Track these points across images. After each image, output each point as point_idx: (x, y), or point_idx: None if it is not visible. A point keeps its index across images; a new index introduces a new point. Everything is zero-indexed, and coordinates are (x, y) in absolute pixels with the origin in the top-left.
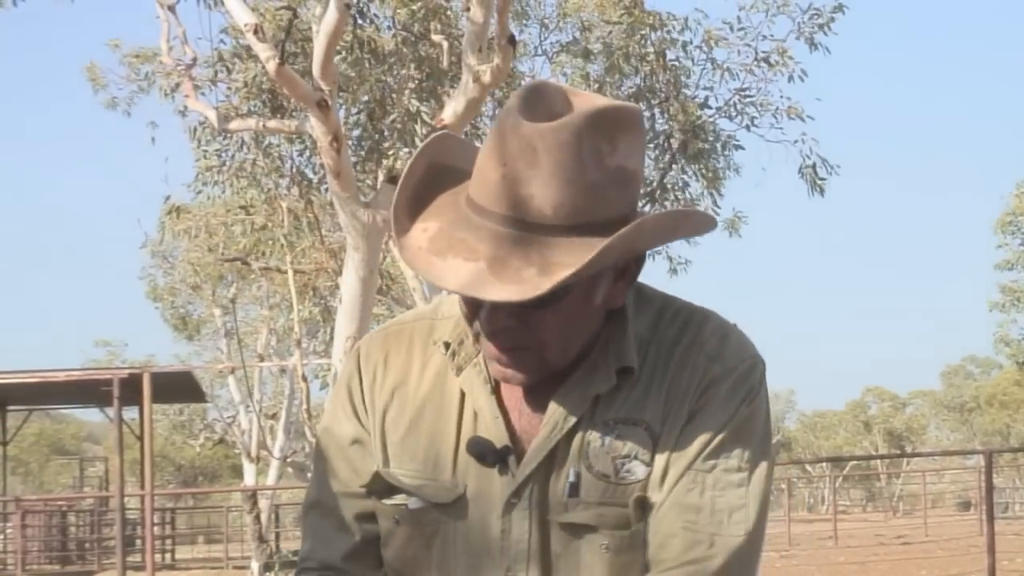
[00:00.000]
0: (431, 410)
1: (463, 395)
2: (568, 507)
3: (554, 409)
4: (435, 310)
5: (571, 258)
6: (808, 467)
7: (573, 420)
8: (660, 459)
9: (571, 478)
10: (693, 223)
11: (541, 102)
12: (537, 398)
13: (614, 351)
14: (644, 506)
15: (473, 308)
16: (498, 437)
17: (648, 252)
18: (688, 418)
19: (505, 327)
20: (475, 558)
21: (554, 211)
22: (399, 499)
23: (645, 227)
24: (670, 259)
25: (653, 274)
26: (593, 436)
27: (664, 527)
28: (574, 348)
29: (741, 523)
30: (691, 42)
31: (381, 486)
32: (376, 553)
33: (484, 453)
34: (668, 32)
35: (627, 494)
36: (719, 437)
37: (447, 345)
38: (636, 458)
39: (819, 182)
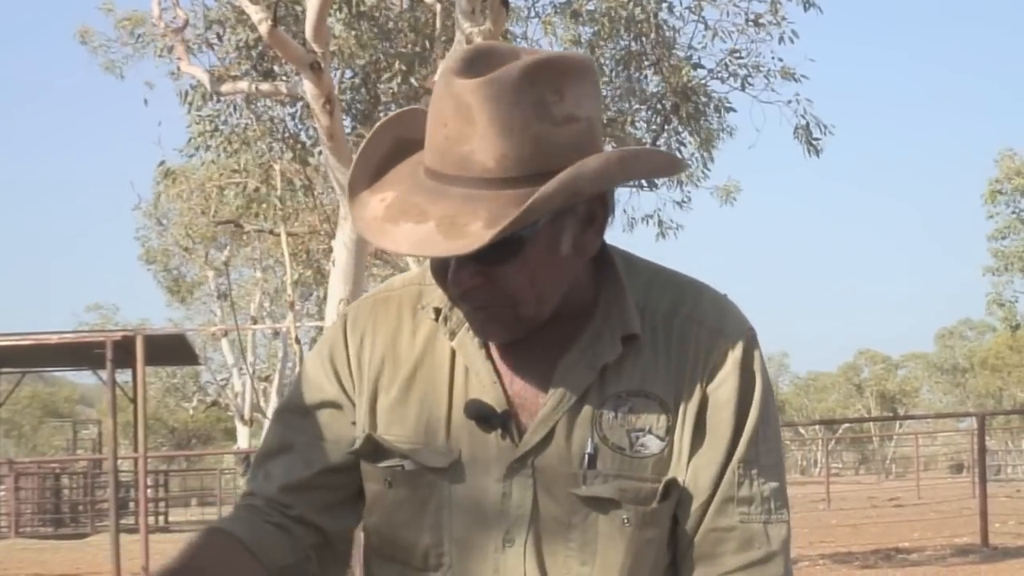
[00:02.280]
0: (422, 375)
1: (453, 359)
2: (586, 479)
3: (561, 378)
4: (423, 276)
5: (518, 209)
6: (801, 430)
7: (582, 390)
8: (683, 438)
9: (589, 449)
10: (648, 164)
11: (481, 61)
12: (533, 363)
13: (616, 318)
14: (672, 487)
15: (441, 275)
16: (497, 401)
17: (617, 200)
18: (705, 398)
19: (472, 287)
20: (471, 522)
21: (497, 164)
22: (391, 462)
23: (586, 169)
24: (660, 223)
25: (642, 237)
26: (606, 408)
27: (720, 522)
28: (550, 302)
29: (779, 497)
30: (679, 3)
31: (371, 449)
32: (323, 501)
33: (485, 416)
34: None
35: (643, 468)
36: (751, 424)
37: (438, 311)
38: (650, 432)
39: (814, 142)
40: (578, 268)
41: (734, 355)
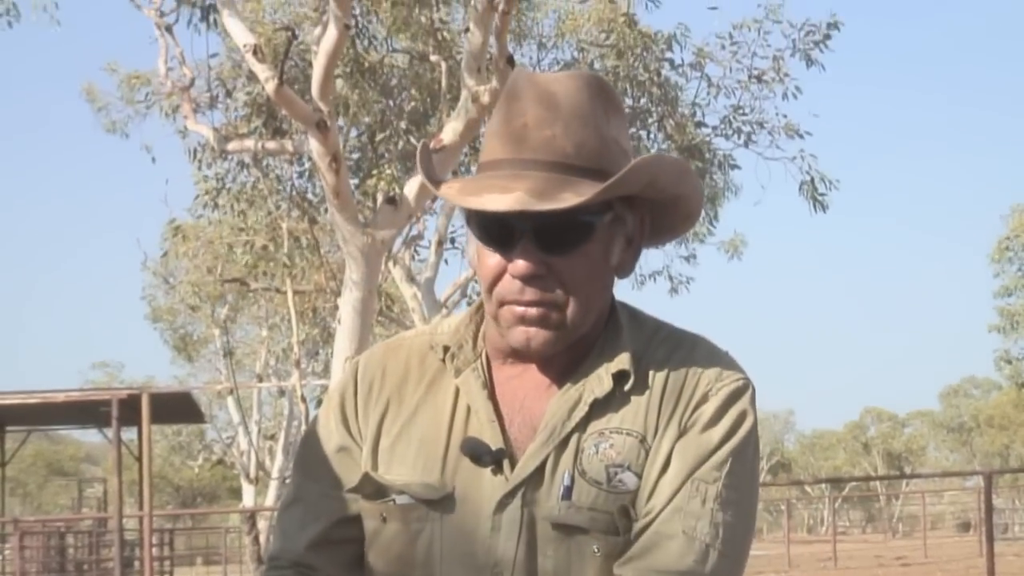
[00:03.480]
0: (423, 413)
1: (456, 399)
2: (561, 510)
3: (552, 413)
4: (433, 328)
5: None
6: (807, 488)
7: (572, 425)
8: (651, 470)
9: (565, 482)
10: (693, 180)
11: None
12: (531, 401)
13: (609, 356)
14: (628, 515)
15: (497, 271)
16: (493, 439)
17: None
18: (681, 432)
19: (536, 274)
20: (461, 556)
21: (576, 150)
22: (386, 498)
23: (665, 158)
24: (671, 278)
25: (653, 293)
26: (587, 444)
27: (664, 528)
28: (592, 312)
29: (734, 543)
30: (683, 61)
31: (369, 488)
32: (347, 556)
33: (480, 454)
34: (659, 52)
35: (618, 502)
36: (719, 453)
37: (446, 348)
38: (629, 468)
39: (819, 198)
40: (611, 292)
41: (720, 400)
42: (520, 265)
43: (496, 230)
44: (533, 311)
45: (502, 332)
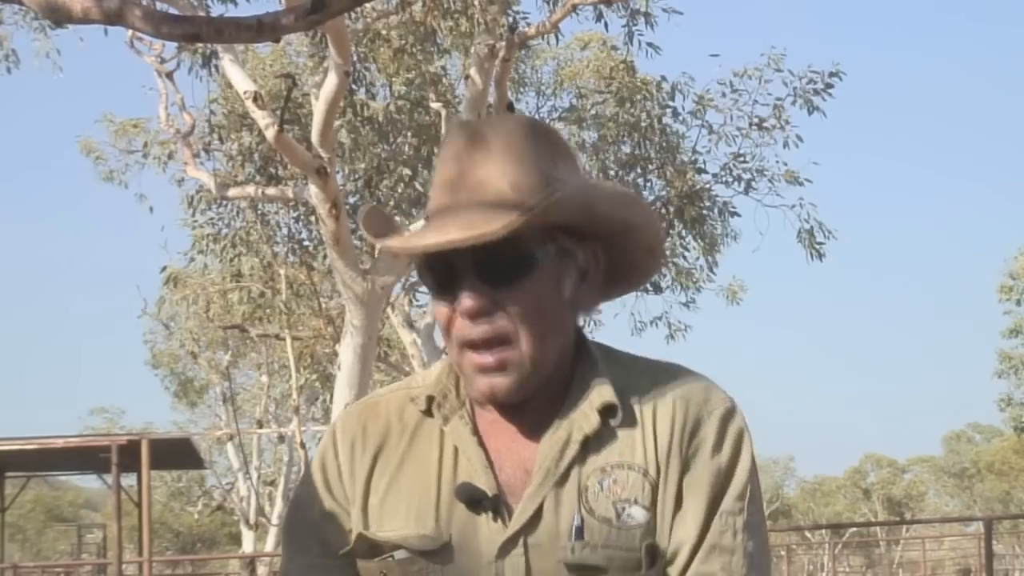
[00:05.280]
0: (409, 465)
1: (441, 447)
2: (575, 550)
3: (544, 455)
4: (408, 383)
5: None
6: (807, 534)
7: (565, 465)
8: (666, 504)
9: (576, 522)
10: (643, 211)
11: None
12: (518, 445)
13: (591, 391)
14: (654, 552)
15: (450, 316)
16: (488, 485)
17: (623, 304)
18: (686, 463)
19: (482, 309)
20: None
21: (512, 189)
22: (384, 555)
23: (602, 187)
24: (669, 324)
25: (652, 339)
26: (591, 481)
27: (704, 569)
28: (551, 350)
29: (762, 568)
30: (683, 108)
31: (364, 547)
32: None
33: (477, 499)
34: (659, 100)
35: (631, 538)
36: (737, 481)
37: (430, 399)
38: (636, 503)
39: (816, 247)
40: (572, 329)
41: (716, 424)
42: (466, 301)
43: (442, 275)
44: (489, 359)
45: (468, 383)
